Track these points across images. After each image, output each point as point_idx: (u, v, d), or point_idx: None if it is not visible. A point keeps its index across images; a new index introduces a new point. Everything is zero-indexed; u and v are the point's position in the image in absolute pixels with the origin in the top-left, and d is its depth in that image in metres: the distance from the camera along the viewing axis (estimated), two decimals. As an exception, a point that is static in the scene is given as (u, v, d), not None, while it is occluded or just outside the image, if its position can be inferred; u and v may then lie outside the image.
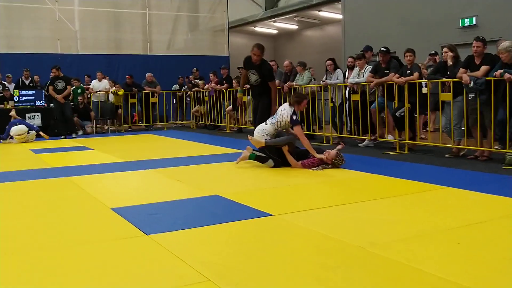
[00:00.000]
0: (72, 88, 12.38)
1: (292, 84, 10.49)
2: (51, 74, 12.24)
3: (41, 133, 11.40)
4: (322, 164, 6.46)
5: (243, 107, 12.18)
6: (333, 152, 6.47)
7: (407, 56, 8.11)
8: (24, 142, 10.85)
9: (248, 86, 8.20)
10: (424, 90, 7.74)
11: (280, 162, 6.61)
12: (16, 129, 10.92)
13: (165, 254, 3.22)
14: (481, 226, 3.75)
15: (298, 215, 4.13)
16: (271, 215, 4.16)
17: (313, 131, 10.54)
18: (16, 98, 12.67)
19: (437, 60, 9.87)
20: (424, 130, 9.62)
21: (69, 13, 16.38)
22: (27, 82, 13.86)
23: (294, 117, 6.76)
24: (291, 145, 6.62)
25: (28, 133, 11.06)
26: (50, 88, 12.09)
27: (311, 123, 10.44)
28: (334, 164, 6.45)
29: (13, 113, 11.82)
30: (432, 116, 9.29)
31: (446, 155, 7.41)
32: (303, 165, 6.53)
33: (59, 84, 12.04)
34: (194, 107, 15.09)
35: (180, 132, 13.08)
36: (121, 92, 13.75)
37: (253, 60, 7.21)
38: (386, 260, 3.01)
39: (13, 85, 13.72)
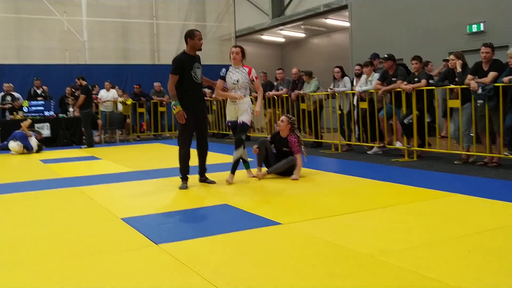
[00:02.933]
0: (84, 97, 11.80)
1: (299, 92, 10.51)
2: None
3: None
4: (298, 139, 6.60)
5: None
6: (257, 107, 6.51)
7: (413, 64, 8.11)
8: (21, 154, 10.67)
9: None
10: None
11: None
12: (13, 145, 10.73)
13: (175, 264, 3.23)
14: (492, 233, 3.73)
15: (307, 224, 4.13)
16: (280, 223, 4.16)
17: (321, 138, 10.55)
18: (25, 109, 12.73)
19: None
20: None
21: (77, 24, 16.52)
22: (39, 91, 13.96)
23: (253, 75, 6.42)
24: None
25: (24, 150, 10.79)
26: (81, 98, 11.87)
27: (318, 130, 10.45)
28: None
29: (24, 123, 11.26)
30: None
31: (455, 162, 7.38)
32: (297, 153, 6.56)
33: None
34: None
35: (188, 141, 13.07)
36: (129, 101, 13.82)
37: (197, 50, 6.06)
38: (396, 268, 3.00)
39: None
